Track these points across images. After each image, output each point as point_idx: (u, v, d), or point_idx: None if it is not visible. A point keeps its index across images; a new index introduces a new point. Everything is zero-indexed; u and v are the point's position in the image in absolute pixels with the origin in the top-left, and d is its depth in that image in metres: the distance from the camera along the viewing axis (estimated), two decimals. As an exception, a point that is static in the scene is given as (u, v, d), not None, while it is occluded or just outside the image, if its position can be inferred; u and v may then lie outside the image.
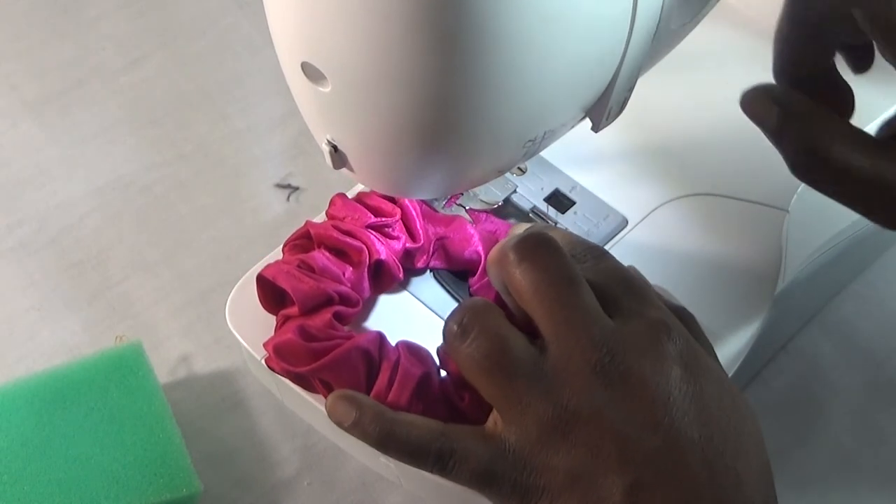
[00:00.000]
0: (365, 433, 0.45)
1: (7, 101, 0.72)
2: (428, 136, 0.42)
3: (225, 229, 0.66)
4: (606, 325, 0.44)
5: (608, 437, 0.42)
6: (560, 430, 0.42)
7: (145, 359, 0.57)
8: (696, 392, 0.43)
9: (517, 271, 0.44)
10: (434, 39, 0.38)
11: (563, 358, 0.43)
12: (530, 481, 0.43)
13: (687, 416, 0.43)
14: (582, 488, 0.42)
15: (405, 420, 0.45)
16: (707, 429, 0.43)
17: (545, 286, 0.44)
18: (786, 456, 0.59)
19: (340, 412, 0.46)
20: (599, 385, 0.43)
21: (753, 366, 0.59)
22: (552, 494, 0.43)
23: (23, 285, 0.64)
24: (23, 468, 0.52)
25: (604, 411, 0.42)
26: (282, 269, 0.50)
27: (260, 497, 0.57)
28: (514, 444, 0.43)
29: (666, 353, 0.44)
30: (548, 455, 0.43)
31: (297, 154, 0.70)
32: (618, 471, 0.42)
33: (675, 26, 0.46)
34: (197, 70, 0.74)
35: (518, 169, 0.57)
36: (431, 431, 0.45)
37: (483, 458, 0.44)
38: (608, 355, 0.43)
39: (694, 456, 0.42)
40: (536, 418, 0.43)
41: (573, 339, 0.43)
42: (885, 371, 0.62)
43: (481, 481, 0.44)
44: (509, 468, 0.43)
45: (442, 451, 0.44)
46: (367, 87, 0.40)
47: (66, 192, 0.68)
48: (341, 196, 0.53)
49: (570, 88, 0.43)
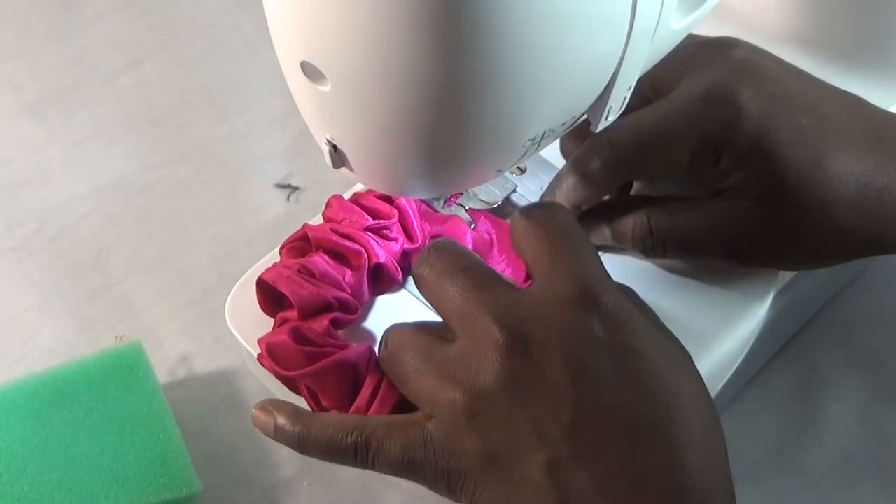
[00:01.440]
0: (286, 437, 0.45)
1: (7, 101, 0.72)
2: (427, 135, 0.42)
3: (225, 229, 0.66)
4: (510, 302, 0.43)
5: (520, 414, 0.41)
6: (470, 412, 0.42)
7: (145, 359, 0.57)
8: (615, 357, 0.42)
9: (426, 286, 0.46)
10: (434, 39, 0.38)
11: (469, 343, 0.43)
12: (451, 466, 0.42)
13: (603, 384, 0.41)
14: (501, 470, 0.41)
15: (321, 419, 0.45)
16: (628, 394, 0.41)
17: (446, 287, 0.44)
18: (786, 456, 0.59)
19: (262, 421, 0.46)
20: (503, 362, 0.42)
21: (753, 366, 0.59)
22: (475, 478, 0.42)
23: (23, 285, 0.64)
24: (23, 468, 0.52)
25: (511, 388, 0.42)
26: (282, 273, 0.50)
27: (260, 497, 0.57)
28: (431, 430, 0.43)
29: (579, 321, 0.42)
30: (462, 440, 0.42)
31: (297, 154, 0.70)
32: (535, 447, 0.41)
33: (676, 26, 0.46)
34: (197, 70, 0.74)
35: (518, 168, 0.57)
36: (347, 426, 0.44)
37: (401, 448, 0.43)
38: (511, 332, 0.42)
39: (614, 424, 0.41)
40: (447, 403, 0.42)
41: (475, 323, 0.43)
42: (885, 371, 0.62)
43: (403, 469, 0.44)
44: (428, 455, 0.43)
45: (357, 443, 0.44)
46: (366, 86, 0.40)
47: (66, 192, 0.68)
48: (338, 198, 0.53)
49: (569, 88, 0.43)
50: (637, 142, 0.49)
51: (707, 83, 0.49)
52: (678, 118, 0.49)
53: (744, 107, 0.48)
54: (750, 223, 0.49)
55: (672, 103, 0.49)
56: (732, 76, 0.49)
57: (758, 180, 0.48)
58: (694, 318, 0.52)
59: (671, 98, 0.50)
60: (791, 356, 0.62)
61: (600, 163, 0.50)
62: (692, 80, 0.49)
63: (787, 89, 0.49)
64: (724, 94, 0.48)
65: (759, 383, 0.61)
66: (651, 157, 0.50)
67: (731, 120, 0.48)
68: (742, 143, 0.48)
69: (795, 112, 0.48)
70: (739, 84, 0.49)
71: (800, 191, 0.48)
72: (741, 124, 0.48)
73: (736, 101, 0.48)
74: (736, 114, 0.48)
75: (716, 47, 0.51)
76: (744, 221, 0.49)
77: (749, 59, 0.50)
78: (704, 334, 0.52)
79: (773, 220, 0.49)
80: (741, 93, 0.48)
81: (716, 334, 0.52)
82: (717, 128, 0.48)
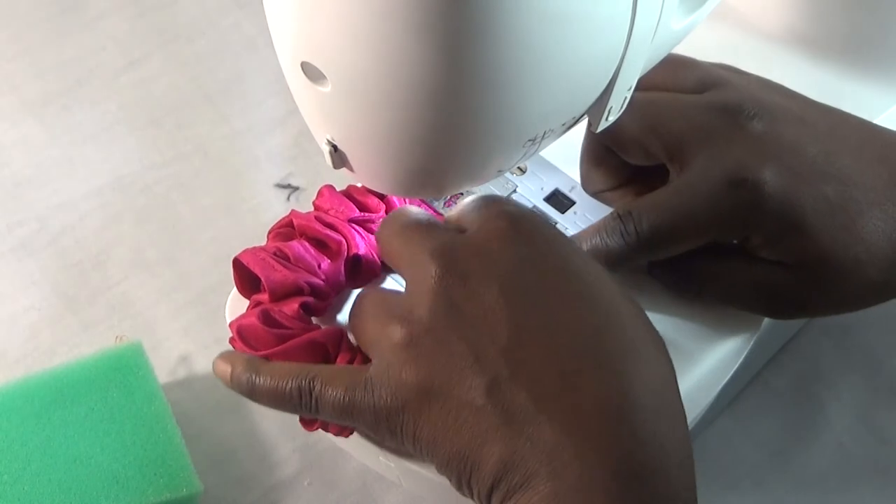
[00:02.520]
0: (239, 385, 0.46)
1: (7, 101, 0.72)
2: (427, 135, 0.42)
3: (225, 229, 0.66)
4: (445, 239, 0.44)
5: (455, 339, 0.42)
6: (406, 344, 0.42)
7: (145, 359, 0.57)
8: (548, 278, 0.43)
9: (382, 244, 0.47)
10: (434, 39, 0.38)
11: (409, 282, 0.44)
12: (388, 402, 0.42)
13: (538, 305, 0.42)
14: (441, 398, 0.41)
15: (270, 366, 0.46)
16: (564, 314, 0.42)
17: (395, 238, 0.46)
18: (786, 456, 0.59)
19: (220, 370, 0.47)
20: (438, 291, 0.42)
21: (753, 366, 0.59)
22: (413, 412, 0.42)
23: (23, 285, 0.64)
24: (23, 468, 0.52)
25: (446, 315, 0.42)
26: (257, 255, 0.50)
27: (260, 497, 0.57)
28: (371, 372, 0.43)
29: (508, 245, 0.43)
30: (400, 374, 0.42)
31: (297, 154, 0.70)
32: (473, 371, 0.41)
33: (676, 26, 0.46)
34: (197, 70, 0.74)
35: (518, 169, 0.57)
36: (293, 371, 0.45)
37: (342, 388, 0.44)
38: (444, 261, 0.43)
39: (551, 343, 0.41)
40: (388, 341, 0.43)
41: (414, 261, 0.44)
42: (885, 371, 0.62)
43: (345, 413, 0.44)
44: (367, 395, 0.43)
45: (301, 387, 0.44)
46: (367, 86, 0.40)
47: (66, 192, 0.68)
48: (329, 188, 0.54)
49: (570, 88, 0.43)
50: (664, 228, 0.49)
51: (729, 165, 0.49)
52: (704, 204, 0.49)
53: (766, 189, 0.48)
54: (784, 283, 0.49)
55: (694, 188, 0.49)
56: (753, 155, 0.49)
57: (789, 254, 0.49)
58: (694, 319, 0.52)
59: (692, 181, 0.49)
60: (791, 356, 0.62)
61: (623, 244, 0.50)
62: (712, 159, 0.49)
63: (809, 159, 0.49)
64: (746, 177, 0.48)
65: (759, 383, 0.61)
66: (674, 243, 0.50)
67: (754, 203, 0.48)
68: (768, 223, 0.48)
69: (818, 183, 0.48)
70: (761, 165, 0.48)
71: (832, 258, 0.48)
72: (765, 206, 0.48)
73: (758, 183, 0.48)
74: (759, 196, 0.48)
75: (734, 116, 0.50)
76: (778, 281, 0.49)
77: (769, 132, 0.49)
78: (705, 335, 0.52)
79: (810, 283, 0.49)
80: (763, 174, 0.48)
81: (716, 335, 0.52)
82: (742, 213, 0.49)
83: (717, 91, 0.51)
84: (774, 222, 0.48)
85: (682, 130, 0.50)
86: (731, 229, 0.49)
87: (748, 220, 0.49)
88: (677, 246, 0.50)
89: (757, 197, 0.48)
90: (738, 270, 0.50)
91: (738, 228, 0.49)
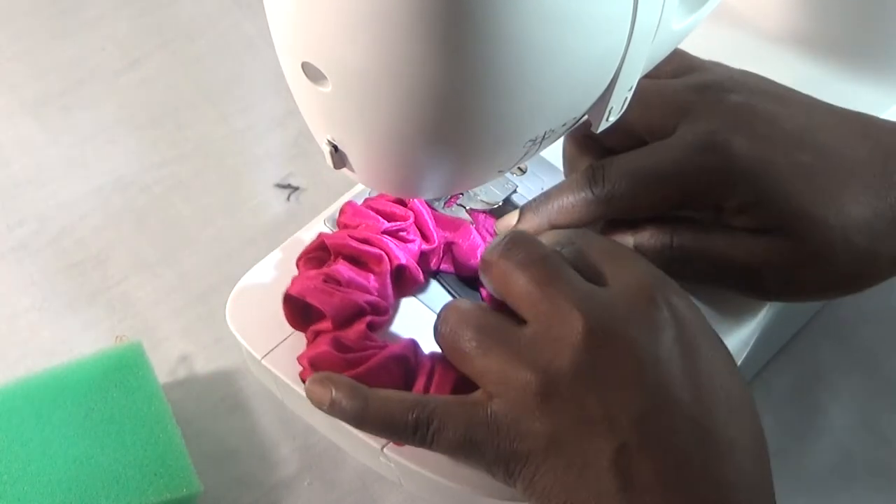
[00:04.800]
0: (343, 411, 0.45)
1: (7, 101, 0.72)
2: (428, 136, 0.42)
3: (225, 229, 0.66)
4: (588, 292, 0.44)
5: (593, 400, 0.42)
6: (542, 394, 0.42)
7: (145, 359, 0.57)
8: (685, 354, 0.43)
9: (497, 272, 0.45)
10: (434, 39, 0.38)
11: (543, 327, 0.43)
12: (513, 447, 0.42)
13: (675, 378, 0.42)
14: (567, 453, 0.42)
15: (381, 394, 0.45)
16: (697, 392, 0.42)
17: (520, 274, 0.44)
18: (786, 456, 0.59)
19: (318, 394, 0.45)
20: (582, 348, 0.42)
21: (753, 366, 0.59)
22: (537, 461, 0.42)
23: (23, 285, 0.64)
24: (23, 468, 0.53)
25: (587, 374, 0.42)
26: (308, 285, 0.49)
27: (260, 497, 0.57)
28: (496, 411, 0.43)
29: (653, 315, 0.43)
30: (530, 420, 0.42)
31: (297, 154, 0.70)
32: (604, 434, 0.41)
33: (676, 27, 0.46)
34: (197, 70, 0.74)
35: (518, 169, 0.57)
36: (408, 402, 0.44)
37: (462, 426, 0.43)
38: (592, 320, 0.42)
39: (682, 418, 0.42)
40: (517, 384, 0.42)
41: (553, 309, 0.43)
42: (885, 371, 0.62)
43: (463, 449, 0.43)
44: (491, 435, 0.43)
45: (419, 419, 0.44)
46: (367, 86, 0.40)
47: (66, 192, 0.68)
48: (351, 204, 0.53)
49: (570, 88, 0.43)
50: (630, 184, 0.49)
51: (701, 132, 0.49)
52: (671, 166, 0.49)
53: (736, 152, 0.48)
54: (768, 255, 0.49)
55: (666, 150, 0.49)
56: (726, 123, 0.49)
57: (767, 219, 0.48)
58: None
59: (666, 145, 0.50)
60: (791, 356, 0.62)
61: (592, 196, 0.50)
62: (687, 129, 0.49)
63: (784, 130, 0.49)
64: (715, 142, 0.48)
65: (759, 383, 0.61)
66: (642, 200, 0.50)
67: (724, 167, 0.48)
68: (741, 187, 0.48)
69: (793, 152, 0.48)
70: (733, 131, 0.48)
71: (812, 219, 0.48)
72: (734, 169, 0.48)
73: (728, 148, 0.48)
74: (729, 160, 0.48)
75: (712, 92, 0.50)
76: (761, 253, 0.49)
77: (745, 103, 0.49)
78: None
79: (791, 251, 0.49)
80: (733, 140, 0.48)
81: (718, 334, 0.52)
82: (711, 177, 0.49)
83: (696, 74, 0.52)
84: (748, 186, 0.48)
85: (661, 106, 0.50)
86: (699, 194, 0.49)
87: (716, 184, 0.48)
88: (643, 205, 0.50)
89: (726, 161, 0.48)
90: (722, 245, 0.49)
91: (706, 192, 0.49)
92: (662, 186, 0.49)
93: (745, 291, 0.51)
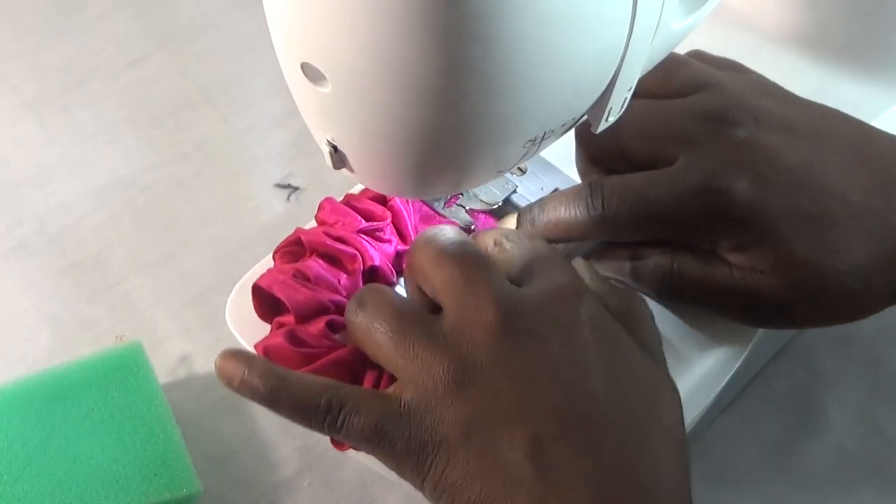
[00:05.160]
0: (254, 390, 0.44)
1: (7, 101, 0.72)
2: (428, 136, 0.42)
3: (225, 229, 0.66)
4: (510, 289, 0.44)
5: (508, 390, 0.41)
6: (457, 382, 0.42)
7: (145, 359, 0.57)
8: (602, 356, 0.43)
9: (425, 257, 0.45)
10: (434, 39, 0.38)
11: (461, 317, 0.43)
12: (425, 437, 0.42)
13: (592, 377, 0.42)
14: (480, 441, 0.41)
15: (295, 376, 0.44)
16: (615, 393, 0.42)
17: (447, 262, 0.44)
18: (786, 456, 0.59)
19: (229, 370, 0.45)
20: (499, 339, 0.42)
21: (753, 366, 0.59)
22: (449, 450, 0.41)
23: (23, 285, 0.64)
24: (23, 468, 0.52)
25: (503, 364, 0.42)
26: (277, 278, 0.50)
27: (260, 497, 0.57)
28: (409, 400, 0.42)
29: (573, 316, 0.43)
30: (444, 409, 0.42)
31: (297, 154, 0.70)
32: (518, 422, 0.41)
33: (676, 27, 0.46)
34: (197, 70, 0.74)
35: (518, 169, 0.57)
36: (321, 386, 0.44)
37: (374, 413, 0.42)
38: (509, 313, 0.42)
39: (599, 414, 0.41)
40: (432, 373, 0.42)
41: (473, 300, 0.43)
42: (884, 371, 0.62)
43: (373, 439, 0.43)
44: (403, 425, 0.42)
45: (331, 403, 0.43)
46: (367, 87, 0.40)
47: (66, 192, 0.68)
48: (330, 200, 0.53)
49: (570, 88, 0.43)
50: (627, 211, 0.49)
51: (706, 171, 0.48)
52: (671, 202, 0.49)
53: (737, 198, 0.48)
54: (763, 290, 0.49)
55: (666, 185, 0.49)
56: (728, 164, 0.48)
57: (760, 261, 0.48)
58: (695, 319, 0.52)
59: (668, 177, 0.49)
60: (791, 356, 0.62)
61: (587, 216, 0.50)
62: (690, 164, 0.49)
63: (787, 167, 0.48)
64: (717, 186, 0.48)
65: (759, 383, 0.61)
66: (634, 228, 0.50)
67: (723, 211, 0.48)
68: (735, 231, 0.48)
69: (794, 194, 0.48)
70: (734, 173, 0.48)
71: (805, 264, 0.48)
72: (733, 215, 0.48)
73: (729, 193, 0.48)
74: (729, 205, 0.48)
75: (717, 123, 0.49)
76: (757, 288, 0.49)
77: (749, 139, 0.49)
78: (705, 335, 0.52)
79: (786, 291, 0.49)
80: (734, 184, 0.48)
81: (716, 335, 0.52)
82: (709, 219, 0.48)
83: (703, 94, 0.51)
84: (743, 230, 0.48)
85: (665, 137, 0.50)
86: (695, 231, 0.49)
87: (714, 226, 0.49)
88: (636, 232, 0.50)
89: (726, 205, 0.48)
90: (719, 276, 0.49)
91: (703, 232, 0.49)
92: (660, 220, 0.49)
93: (740, 320, 0.51)
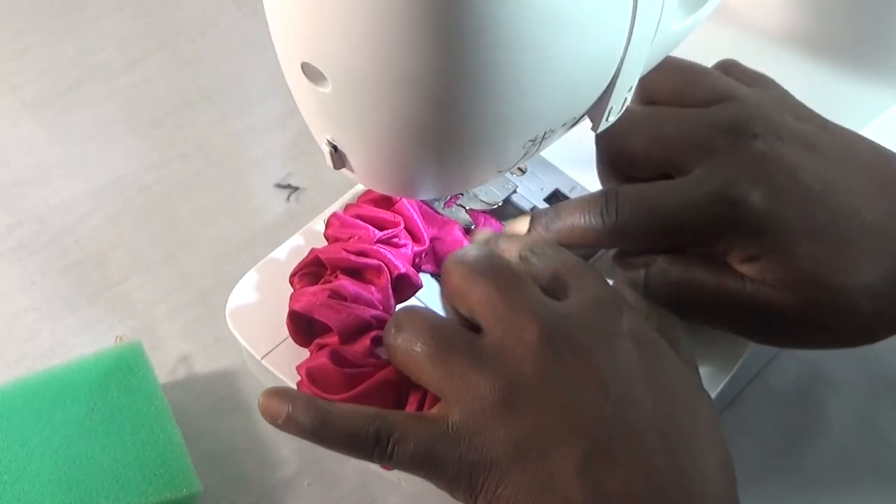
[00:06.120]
0: (299, 426, 0.44)
1: (7, 101, 0.72)
2: (428, 136, 0.42)
3: (225, 229, 0.66)
4: (549, 304, 0.44)
5: (556, 407, 0.41)
6: (505, 403, 0.42)
7: (145, 359, 0.57)
8: (645, 366, 0.43)
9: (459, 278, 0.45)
10: (434, 39, 0.38)
11: (504, 336, 0.43)
12: (476, 458, 0.42)
13: (638, 388, 0.42)
14: (532, 461, 0.41)
15: (339, 408, 0.44)
16: (660, 403, 0.42)
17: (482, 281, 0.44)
18: (786, 456, 0.59)
19: (274, 408, 0.45)
20: (544, 357, 0.42)
21: (753, 366, 0.59)
22: (500, 470, 0.41)
23: (23, 285, 0.64)
24: (23, 468, 0.52)
25: (550, 381, 0.42)
26: (314, 301, 0.49)
27: (260, 497, 0.57)
28: (458, 421, 0.42)
29: (613, 327, 0.43)
30: (493, 429, 0.41)
31: (297, 154, 0.70)
32: (569, 441, 0.41)
33: (676, 27, 0.46)
34: (197, 70, 0.74)
35: (518, 169, 0.57)
36: (367, 416, 0.43)
37: (424, 438, 0.42)
38: (551, 328, 0.42)
39: (647, 426, 0.41)
40: (479, 393, 0.42)
41: (514, 318, 0.43)
42: (885, 371, 0.62)
43: (424, 463, 0.43)
44: (453, 446, 0.42)
45: (379, 433, 0.43)
46: (367, 87, 0.40)
47: (66, 192, 0.68)
48: (338, 216, 0.53)
49: (570, 88, 0.43)
50: (642, 220, 0.49)
51: (722, 180, 0.48)
52: (685, 211, 0.49)
53: (751, 209, 0.47)
54: (773, 303, 0.48)
55: (683, 193, 0.49)
56: (746, 174, 0.48)
57: (769, 273, 0.48)
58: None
59: (684, 186, 0.49)
60: (791, 356, 0.62)
61: (601, 224, 0.50)
62: (707, 173, 0.49)
63: (805, 184, 0.48)
64: (733, 196, 0.48)
65: (759, 383, 0.61)
66: (647, 237, 0.50)
67: (737, 221, 0.48)
68: (747, 242, 0.48)
69: (810, 210, 0.48)
70: (751, 184, 0.48)
71: (817, 285, 0.47)
72: (746, 225, 0.48)
73: (745, 203, 0.48)
74: (743, 215, 0.48)
75: (737, 134, 0.49)
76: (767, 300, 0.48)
77: (769, 152, 0.48)
78: (705, 335, 0.52)
79: (795, 306, 0.48)
80: (751, 194, 0.48)
81: (716, 335, 0.52)
82: (724, 228, 0.48)
83: (724, 105, 0.51)
84: (756, 240, 0.48)
85: (685, 146, 0.49)
86: (710, 239, 0.49)
87: (728, 235, 0.48)
88: (650, 241, 0.50)
89: (741, 214, 0.48)
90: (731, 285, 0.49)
91: (715, 241, 0.49)
92: (673, 229, 0.49)
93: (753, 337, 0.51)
